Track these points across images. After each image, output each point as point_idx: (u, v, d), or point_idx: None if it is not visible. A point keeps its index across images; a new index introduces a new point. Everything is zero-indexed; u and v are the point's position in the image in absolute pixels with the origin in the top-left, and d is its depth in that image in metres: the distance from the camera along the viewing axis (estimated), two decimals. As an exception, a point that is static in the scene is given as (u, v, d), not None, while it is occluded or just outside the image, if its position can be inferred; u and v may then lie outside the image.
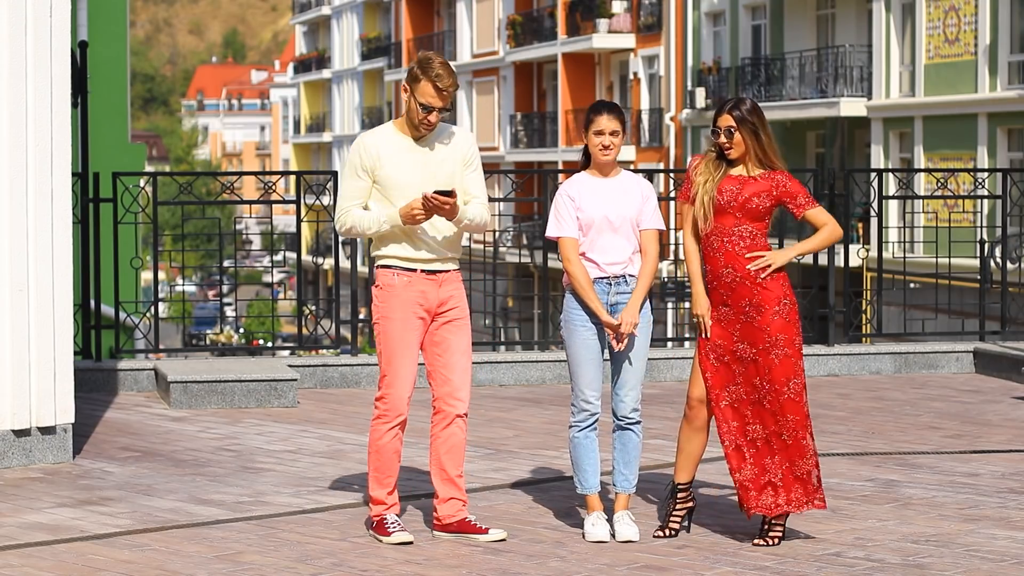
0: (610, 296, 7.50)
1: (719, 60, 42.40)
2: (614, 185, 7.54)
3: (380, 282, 7.52)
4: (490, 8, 56.01)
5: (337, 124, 77.18)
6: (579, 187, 7.53)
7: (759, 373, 7.46)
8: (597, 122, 7.46)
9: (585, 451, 7.57)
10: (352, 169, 7.51)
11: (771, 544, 7.42)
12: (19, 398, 9.13)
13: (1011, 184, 14.16)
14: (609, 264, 7.49)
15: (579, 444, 7.57)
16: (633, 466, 7.61)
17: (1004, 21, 31.95)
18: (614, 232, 7.47)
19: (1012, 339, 13.97)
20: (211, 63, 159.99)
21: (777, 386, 7.44)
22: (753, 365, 7.47)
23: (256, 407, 11.47)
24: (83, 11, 24.28)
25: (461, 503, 7.62)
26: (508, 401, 11.80)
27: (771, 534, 7.46)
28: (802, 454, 7.44)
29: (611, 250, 7.48)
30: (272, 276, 15.41)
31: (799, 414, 7.44)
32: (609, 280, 7.50)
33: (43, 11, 9.13)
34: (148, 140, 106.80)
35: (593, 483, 7.58)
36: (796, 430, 7.43)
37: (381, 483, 7.58)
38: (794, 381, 7.44)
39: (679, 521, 7.66)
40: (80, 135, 12.48)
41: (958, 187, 24.04)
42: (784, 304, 7.46)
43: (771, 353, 7.44)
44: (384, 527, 7.51)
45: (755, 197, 7.43)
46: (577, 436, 7.58)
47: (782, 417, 7.43)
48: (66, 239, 9.28)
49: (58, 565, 7.05)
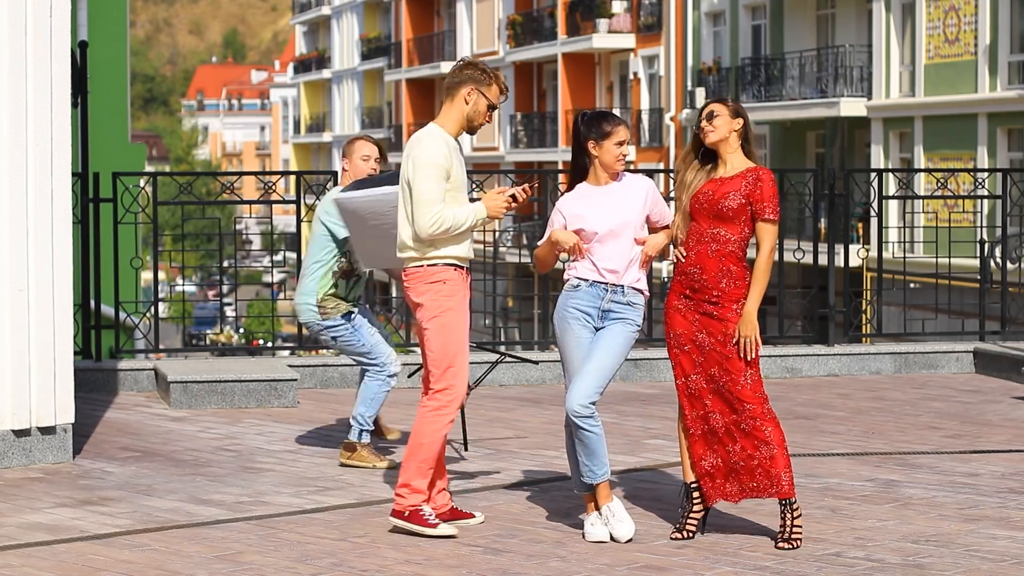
0: (603, 302, 7.54)
1: (719, 60, 42.40)
2: (615, 190, 7.59)
3: (442, 278, 7.68)
4: (490, 8, 56.01)
5: (337, 124, 77.18)
6: (578, 200, 7.58)
7: (717, 363, 7.50)
8: (617, 133, 7.52)
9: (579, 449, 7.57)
10: (437, 171, 7.60)
11: (796, 546, 7.41)
12: (19, 398, 9.13)
13: (1011, 184, 14.16)
14: (608, 271, 7.52)
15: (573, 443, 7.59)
16: (595, 457, 7.51)
17: (1004, 21, 31.95)
18: (616, 239, 7.52)
19: (1012, 339, 13.97)
20: (211, 63, 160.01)
21: (734, 375, 7.47)
22: (712, 354, 7.51)
23: (256, 407, 11.47)
24: (83, 11, 24.29)
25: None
26: (508, 401, 11.80)
27: (793, 535, 7.46)
28: (764, 441, 7.46)
29: (611, 257, 7.51)
30: (272, 276, 15.41)
31: (756, 403, 7.46)
32: (605, 286, 7.53)
33: (43, 11, 9.13)
34: (148, 140, 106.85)
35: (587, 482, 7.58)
36: (754, 418, 7.45)
37: (425, 474, 7.68)
38: (750, 372, 7.46)
39: (696, 523, 7.66)
40: (80, 135, 12.48)
41: (958, 187, 24.04)
42: (741, 303, 7.49)
43: (727, 345, 7.47)
44: (424, 519, 7.60)
45: (724, 199, 7.46)
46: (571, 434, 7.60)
47: (740, 406, 7.48)
48: (66, 239, 9.28)
49: (58, 565, 7.05)
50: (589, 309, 7.53)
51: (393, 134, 65.50)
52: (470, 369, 8.06)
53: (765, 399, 7.54)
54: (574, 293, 7.56)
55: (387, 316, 13.90)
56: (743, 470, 7.53)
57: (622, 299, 7.55)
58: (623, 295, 7.55)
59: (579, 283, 7.55)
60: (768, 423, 7.49)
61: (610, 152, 7.54)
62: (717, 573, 6.96)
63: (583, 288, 7.54)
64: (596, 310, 7.54)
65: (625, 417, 11.08)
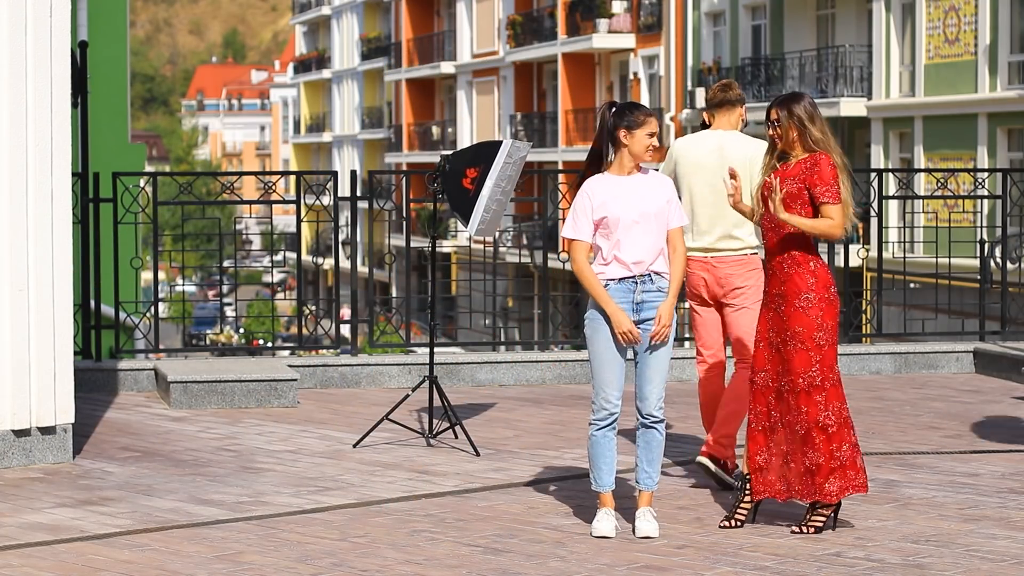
0: (636, 295, 7.59)
1: (719, 60, 42.41)
2: (637, 183, 7.66)
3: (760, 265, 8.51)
4: (490, 8, 56.01)
5: (337, 124, 77.17)
6: (603, 186, 7.64)
7: (781, 362, 7.65)
8: (649, 123, 7.69)
9: (602, 449, 7.65)
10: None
11: (807, 532, 7.58)
12: (19, 398, 9.13)
13: (1011, 184, 14.15)
14: (635, 263, 7.56)
15: (597, 442, 7.64)
16: (656, 464, 7.70)
17: (1004, 21, 31.95)
18: (640, 228, 7.55)
19: (1012, 339, 13.97)
20: (211, 63, 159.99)
21: (792, 377, 7.60)
22: (778, 354, 7.67)
23: (256, 407, 11.47)
24: (83, 11, 24.29)
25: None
26: (508, 401, 11.79)
27: (811, 521, 7.62)
28: (812, 447, 7.58)
29: (637, 248, 7.55)
30: (272, 276, 15.40)
31: (812, 407, 7.56)
32: (635, 279, 7.58)
33: (43, 11, 9.13)
34: (148, 140, 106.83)
35: (607, 481, 7.66)
36: (809, 423, 7.57)
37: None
38: (809, 374, 7.56)
39: (746, 512, 7.77)
40: (80, 135, 12.48)
41: (958, 187, 24.04)
42: (806, 298, 7.59)
43: (789, 344, 7.61)
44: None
45: (782, 186, 7.59)
46: (595, 435, 7.64)
47: (796, 408, 7.60)
48: (66, 239, 9.28)
49: (58, 565, 7.05)
50: (623, 305, 7.54)
51: (393, 134, 65.52)
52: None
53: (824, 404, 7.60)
54: None
55: (387, 316, 13.88)
56: (792, 472, 7.64)
57: (652, 287, 7.59)
58: (652, 283, 7.59)
59: (607, 284, 7.54)
60: (818, 431, 7.58)
61: (641, 142, 7.64)
62: (717, 573, 6.96)
63: (612, 287, 7.54)
64: (630, 304, 7.58)
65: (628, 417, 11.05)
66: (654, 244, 7.59)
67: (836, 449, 7.60)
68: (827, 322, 7.60)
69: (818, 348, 7.57)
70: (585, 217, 7.58)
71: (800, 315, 7.58)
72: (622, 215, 7.53)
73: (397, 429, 10.21)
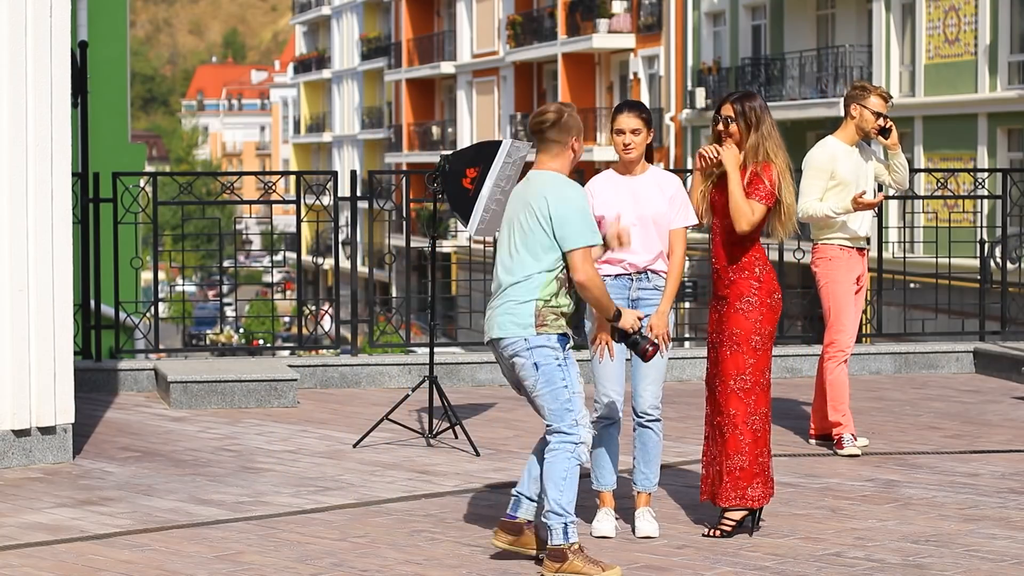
0: (631, 291, 7.61)
1: (719, 60, 42.41)
2: (637, 183, 7.62)
3: (828, 255, 9.77)
4: (490, 8, 56.01)
5: (337, 124, 77.16)
6: (602, 184, 7.66)
7: (717, 363, 7.62)
8: (618, 121, 7.58)
9: (603, 448, 7.62)
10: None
11: (712, 535, 7.55)
12: (19, 398, 9.13)
13: (1011, 184, 14.15)
14: (631, 263, 7.57)
15: (598, 441, 7.56)
16: (653, 465, 7.68)
17: (1004, 21, 31.95)
18: (636, 232, 7.46)
19: (1012, 339, 13.97)
20: (211, 63, 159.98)
21: (724, 378, 7.58)
22: (715, 354, 7.65)
23: (256, 407, 11.47)
24: (83, 11, 24.29)
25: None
26: (508, 401, 11.79)
27: (722, 524, 7.61)
28: (737, 450, 7.54)
29: (634, 248, 7.48)
30: (272, 276, 15.40)
31: (740, 410, 7.52)
32: (630, 276, 7.60)
33: (43, 11, 9.13)
34: (148, 140, 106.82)
35: (608, 480, 7.64)
36: (735, 426, 7.53)
37: (837, 409, 9.72)
38: (741, 376, 7.53)
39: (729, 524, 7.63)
40: (80, 135, 12.47)
41: (958, 187, 24.04)
42: (747, 301, 7.57)
43: (725, 345, 7.59)
44: (842, 443, 9.69)
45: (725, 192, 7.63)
46: (597, 433, 7.54)
47: (725, 409, 7.56)
48: (66, 239, 9.28)
49: (58, 565, 7.05)
50: (619, 301, 7.44)
51: (393, 134, 65.52)
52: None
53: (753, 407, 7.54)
54: None
55: (387, 316, 13.89)
56: (717, 476, 7.62)
57: (648, 284, 7.62)
58: (648, 280, 7.62)
59: (604, 279, 7.29)
60: (746, 433, 7.52)
61: (616, 141, 7.63)
62: (717, 573, 6.96)
63: (608, 283, 7.43)
64: (626, 300, 7.59)
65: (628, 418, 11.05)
66: (652, 245, 7.58)
67: (760, 455, 7.57)
68: (765, 327, 7.58)
69: (753, 351, 7.55)
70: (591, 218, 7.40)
71: (739, 318, 7.57)
72: (610, 216, 7.50)
73: (397, 429, 10.21)
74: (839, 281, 9.76)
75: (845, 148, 9.84)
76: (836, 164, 9.73)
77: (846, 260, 9.79)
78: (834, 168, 9.72)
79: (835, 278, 9.78)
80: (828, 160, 9.73)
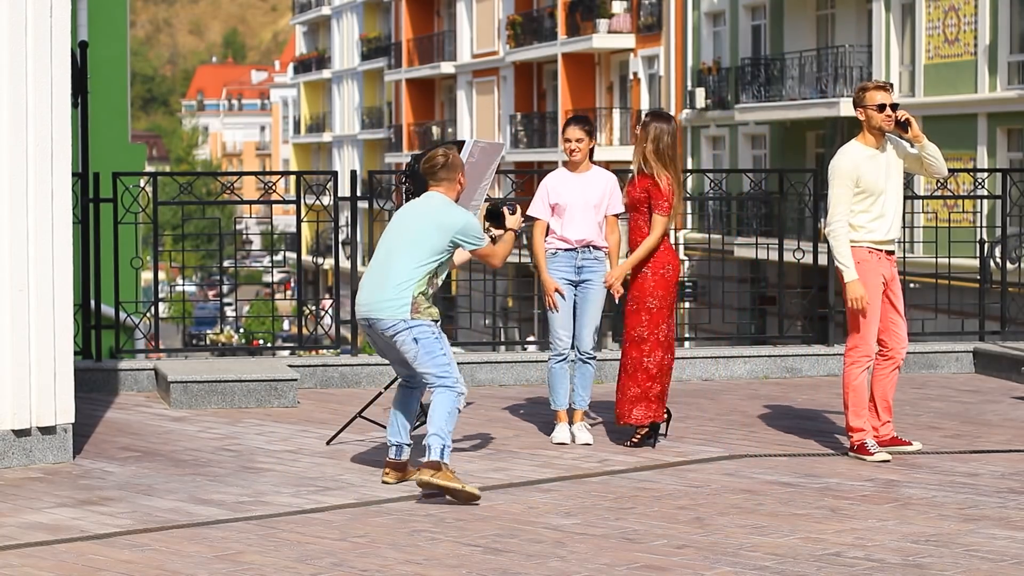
0: (577, 260, 9.95)
1: (719, 60, 42.41)
2: (584, 178, 10.03)
3: (857, 258, 9.73)
4: (490, 8, 56.02)
5: (337, 124, 77.17)
6: (557, 179, 10.05)
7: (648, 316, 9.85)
8: (567, 132, 10.01)
9: (558, 378, 10.05)
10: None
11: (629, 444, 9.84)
12: (19, 398, 9.13)
13: (1011, 184, 14.16)
14: (577, 240, 9.92)
15: (554, 373, 10.06)
16: (587, 390, 10.10)
17: (1004, 21, 31.95)
18: (581, 214, 9.91)
19: (1012, 339, 13.97)
20: (211, 63, 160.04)
21: (627, 330, 9.91)
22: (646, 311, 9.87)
23: (256, 407, 11.47)
24: (83, 11, 24.30)
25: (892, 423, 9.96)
26: (508, 401, 11.80)
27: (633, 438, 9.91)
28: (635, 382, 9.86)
29: (578, 228, 9.92)
30: (272, 276, 15.41)
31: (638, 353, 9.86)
32: (576, 249, 9.94)
33: (43, 11, 9.14)
34: (148, 140, 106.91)
35: (562, 401, 10.09)
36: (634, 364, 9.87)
37: (859, 414, 9.69)
38: (637, 329, 9.86)
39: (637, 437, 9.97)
40: (80, 135, 12.48)
41: (958, 187, 24.03)
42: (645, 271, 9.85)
43: (630, 303, 9.89)
44: (866, 448, 9.63)
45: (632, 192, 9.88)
46: (553, 367, 10.05)
47: (628, 354, 9.90)
48: (66, 239, 9.28)
49: (58, 565, 7.05)
50: (567, 269, 9.95)
51: (393, 134, 65.53)
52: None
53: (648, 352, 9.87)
54: (553, 259, 9.96)
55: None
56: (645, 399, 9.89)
57: (590, 256, 9.96)
58: (590, 252, 9.96)
59: (556, 251, 9.95)
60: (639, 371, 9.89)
61: (565, 147, 10.00)
62: (717, 573, 6.96)
63: (560, 255, 9.95)
64: (572, 268, 9.94)
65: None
66: (593, 225, 9.94)
67: (650, 389, 9.83)
68: (658, 291, 9.84)
69: (647, 311, 9.84)
70: (543, 201, 9.96)
71: (640, 282, 9.86)
72: (566, 203, 9.91)
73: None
74: (866, 284, 9.69)
75: (867, 153, 9.75)
76: (860, 171, 9.69)
77: (875, 263, 9.76)
78: (858, 176, 9.68)
79: (862, 281, 9.71)
80: (852, 168, 9.68)
